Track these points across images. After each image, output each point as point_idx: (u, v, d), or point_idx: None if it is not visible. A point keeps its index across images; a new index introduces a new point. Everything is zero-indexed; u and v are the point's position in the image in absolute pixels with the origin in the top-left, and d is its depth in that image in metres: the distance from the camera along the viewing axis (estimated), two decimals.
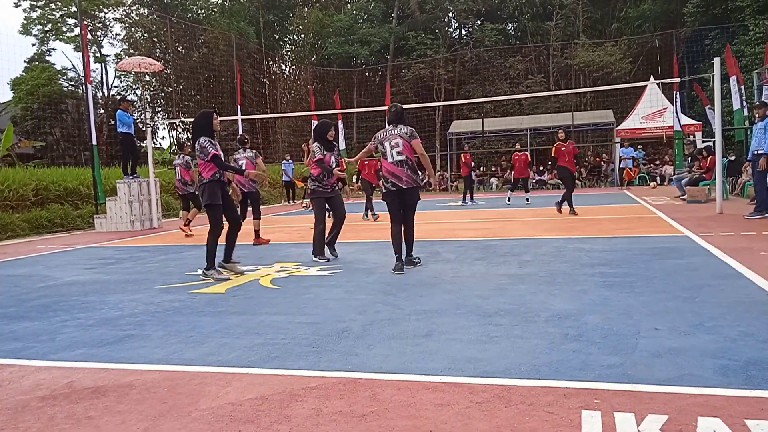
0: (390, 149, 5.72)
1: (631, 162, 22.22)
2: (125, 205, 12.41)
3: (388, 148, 5.74)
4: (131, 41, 35.04)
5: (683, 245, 6.65)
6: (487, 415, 2.38)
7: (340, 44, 34.91)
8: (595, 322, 3.63)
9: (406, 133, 5.76)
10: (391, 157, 5.70)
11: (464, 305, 4.27)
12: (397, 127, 5.83)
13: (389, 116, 5.94)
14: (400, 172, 5.67)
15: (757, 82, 17.18)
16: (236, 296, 5.00)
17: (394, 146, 5.71)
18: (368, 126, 33.31)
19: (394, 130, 5.81)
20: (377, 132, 5.99)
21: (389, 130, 5.84)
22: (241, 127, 21.13)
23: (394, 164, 5.69)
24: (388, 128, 5.89)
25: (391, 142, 5.73)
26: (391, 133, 5.80)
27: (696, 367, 2.78)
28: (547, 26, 33.30)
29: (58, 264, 7.67)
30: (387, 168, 5.72)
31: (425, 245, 7.79)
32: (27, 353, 3.60)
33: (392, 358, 3.14)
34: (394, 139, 5.73)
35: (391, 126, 5.89)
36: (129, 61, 15.16)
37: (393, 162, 5.69)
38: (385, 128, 5.95)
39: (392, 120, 5.91)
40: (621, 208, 12.25)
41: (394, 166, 5.69)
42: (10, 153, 22.47)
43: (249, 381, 2.91)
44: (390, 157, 5.71)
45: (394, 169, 5.68)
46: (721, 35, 25.47)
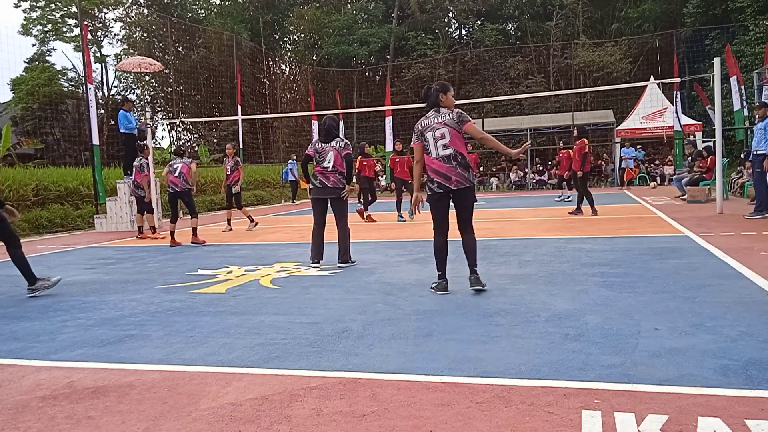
0: (434, 142, 4.62)
1: (632, 162, 22.22)
2: (125, 205, 12.42)
3: (431, 141, 4.64)
4: (131, 41, 35.05)
5: (683, 245, 6.65)
6: (487, 415, 2.38)
7: (337, 44, 34.92)
8: (595, 322, 3.63)
9: (453, 119, 4.63)
10: (436, 151, 4.61)
11: (464, 305, 4.27)
12: (439, 112, 4.69)
13: (423, 99, 4.90)
14: (447, 170, 4.57)
15: (757, 82, 17.20)
16: (236, 296, 5.00)
17: (438, 138, 4.60)
18: (368, 126, 33.32)
19: (436, 117, 4.68)
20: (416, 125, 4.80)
21: (430, 118, 4.71)
22: (241, 127, 21.17)
23: (439, 160, 4.60)
24: (428, 115, 4.74)
25: (434, 134, 4.62)
26: (434, 121, 4.67)
27: (696, 367, 2.78)
28: (547, 26, 33.30)
29: (58, 264, 7.67)
30: (431, 166, 4.64)
31: (425, 245, 7.79)
32: (27, 353, 3.60)
33: (392, 358, 3.14)
34: (439, 128, 4.62)
35: (432, 112, 4.73)
36: (129, 61, 15.16)
37: (438, 158, 4.60)
38: (424, 116, 4.78)
39: (429, 105, 4.80)
40: (621, 208, 12.25)
41: (440, 162, 4.59)
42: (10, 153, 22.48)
43: (249, 381, 2.91)
44: (434, 151, 4.62)
45: (440, 167, 4.60)
46: (722, 35, 25.46)
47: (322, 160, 6.33)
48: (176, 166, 8.89)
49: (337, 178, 6.31)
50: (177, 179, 8.80)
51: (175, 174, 8.82)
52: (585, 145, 10.93)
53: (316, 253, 6.48)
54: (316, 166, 6.37)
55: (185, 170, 8.82)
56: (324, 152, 6.33)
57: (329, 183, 6.30)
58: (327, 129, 6.41)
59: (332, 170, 6.30)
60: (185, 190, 8.81)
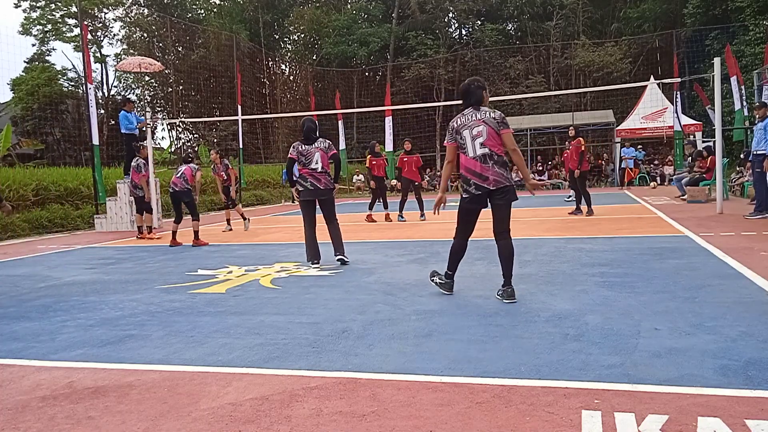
0: (471, 140, 4.36)
1: (632, 162, 22.21)
2: (125, 205, 12.42)
3: (468, 139, 4.37)
4: (131, 41, 35.06)
5: (683, 245, 6.65)
6: (487, 415, 2.38)
7: (336, 44, 34.93)
8: (595, 322, 3.63)
9: (494, 119, 4.37)
10: (473, 150, 4.34)
11: (464, 305, 4.27)
12: (479, 110, 4.42)
13: (462, 95, 4.54)
14: (483, 170, 4.31)
15: (757, 82, 17.21)
16: (236, 296, 5.00)
17: (476, 136, 4.35)
18: (368, 126, 33.32)
19: (475, 114, 4.40)
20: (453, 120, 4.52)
21: (467, 115, 4.43)
22: (241, 127, 21.16)
23: (475, 160, 4.33)
24: (465, 113, 4.46)
25: (471, 131, 4.36)
26: (472, 119, 4.39)
27: (696, 367, 2.78)
28: (547, 26, 33.30)
29: (58, 264, 7.67)
30: (466, 166, 4.38)
31: (426, 245, 7.79)
32: (27, 353, 3.60)
33: (392, 358, 3.14)
34: (477, 126, 4.36)
35: (470, 109, 4.45)
36: (129, 61, 15.15)
37: (474, 157, 4.34)
38: (461, 114, 4.50)
39: (467, 102, 4.51)
40: (621, 208, 12.25)
41: (476, 162, 4.33)
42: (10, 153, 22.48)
43: (249, 381, 2.91)
44: (471, 150, 4.35)
45: (476, 166, 4.33)
46: (722, 35, 25.47)
47: (308, 162, 6.40)
48: (180, 169, 9.12)
49: (327, 180, 6.44)
50: (178, 179, 8.95)
51: (177, 175, 8.99)
52: (582, 145, 10.95)
53: (313, 254, 6.51)
54: (304, 168, 6.42)
55: (188, 172, 9.01)
56: (309, 154, 6.40)
57: (321, 185, 6.39)
58: (306, 131, 6.46)
59: (321, 171, 6.40)
60: (184, 189, 8.89)
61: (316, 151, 6.39)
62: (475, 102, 4.45)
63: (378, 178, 11.72)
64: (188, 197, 8.96)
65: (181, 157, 10.27)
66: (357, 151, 31.86)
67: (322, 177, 6.39)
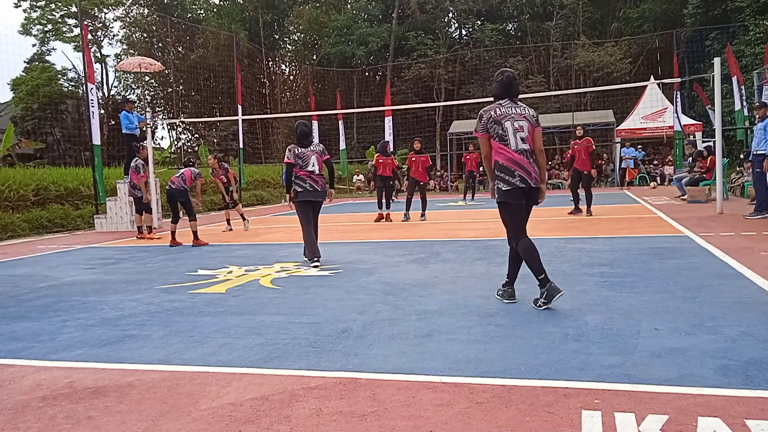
0: (513, 132, 4.14)
1: (633, 162, 22.21)
2: (125, 206, 12.42)
3: (509, 131, 4.13)
4: (131, 41, 35.07)
5: (684, 245, 6.65)
6: (487, 415, 2.38)
7: (335, 44, 34.92)
8: (595, 322, 3.63)
9: (533, 116, 4.25)
10: (515, 143, 4.13)
11: (464, 305, 4.27)
12: (518, 105, 4.24)
13: (497, 88, 4.28)
14: (527, 165, 4.13)
15: (758, 82, 17.20)
16: (236, 296, 5.00)
17: (518, 129, 4.14)
18: (368, 126, 33.32)
19: (515, 108, 4.20)
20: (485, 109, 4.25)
21: (507, 106, 4.20)
22: (241, 127, 21.16)
23: (519, 153, 4.13)
24: (503, 103, 4.22)
25: (513, 124, 4.14)
26: (513, 111, 4.18)
27: (696, 367, 2.78)
28: (547, 26, 33.30)
29: (58, 264, 7.67)
30: (510, 156, 4.12)
31: (426, 245, 7.79)
32: (27, 353, 3.60)
33: (392, 358, 3.14)
34: (518, 120, 4.16)
35: (508, 101, 4.23)
36: (129, 61, 15.15)
37: (518, 150, 4.13)
38: (497, 103, 4.24)
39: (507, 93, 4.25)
40: (621, 208, 12.25)
41: (520, 156, 4.13)
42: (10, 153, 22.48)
43: (249, 381, 2.91)
44: (513, 143, 4.13)
45: (521, 160, 4.12)
46: (722, 35, 25.47)
47: (305, 164, 6.51)
48: (181, 170, 9.22)
49: (323, 182, 6.62)
50: (176, 179, 9.02)
51: (177, 175, 9.08)
52: (592, 144, 10.83)
53: (314, 251, 6.49)
54: (301, 171, 6.50)
55: (187, 174, 9.08)
56: (306, 157, 6.53)
57: (318, 187, 6.55)
58: (301, 133, 6.62)
59: (318, 174, 6.56)
60: (181, 189, 8.94)
61: (312, 154, 6.54)
62: (515, 95, 4.28)
63: (385, 177, 11.75)
64: (183, 197, 9.00)
65: (183, 162, 10.37)
66: (357, 151, 31.87)
67: (320, 179, 6.55)
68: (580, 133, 11.04)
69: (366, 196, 23.14)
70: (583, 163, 10.80)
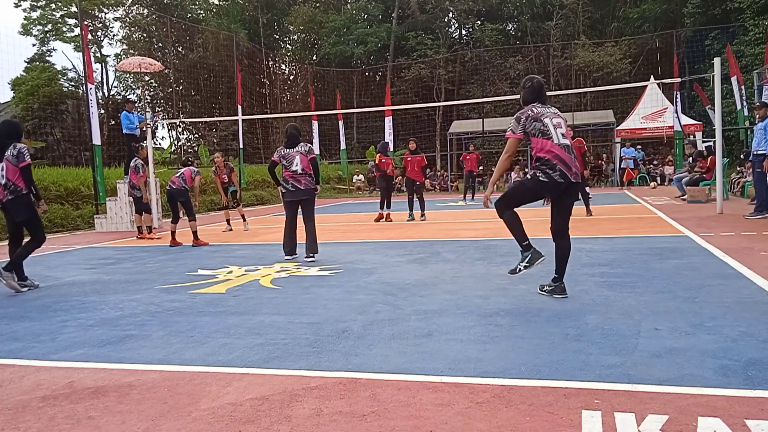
0: (554, 128, 4.29)
1: (632, 162, 22.22)
2: (125, 205, 12.42)
3: (551, 127, 4.29)
4: (131, 41, 35.07)
5: (684, 245, 6.65)
6: (487, 415, 2.38)
7: (334, 44, 34.91)
8: (595, 322, 3.62)
9: (564, 119, 4.49)
10: (557, 138, 4.27)
11: (465, 305, 4.27)
12: (549, 107, 4.45)
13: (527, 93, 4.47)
14: (569, 160, 4.26)
15: (757, 82, 17.21)
16: (236, 296, 5.00)
17: (557, 126, 4.32)
18: (368, 126, 33.32)
19: (549, 109, 4.42)
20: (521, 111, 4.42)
21: (543, 107, 4.40)
22: (241, 127, 21.17)
23: (561, 148, 4.26)
24: (536, 105, 4.40)
25: (553, 121, 4.32)
26: (550, 111, 4.40)
27: (696, 367, 2.78)
28: (547, 26, 33.32)
29: (58, 264, 7.67)
30: (553, 151, 4.24)
31: (426, 245, 7.79)
32: (27, 353, 3.60)
33: (392, 358, 3.14)
34: (556, 118, 4.37)
35: (539, 104, 4.42)
36: (129, 61, 15.13)
37: (560, 145, 4.26)
38: (531, 106, 4.40)
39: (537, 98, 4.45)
40: (621, 208, 12.25)
41: (563, 150, 4.26)
42: None
43: (249, 381, 2.91)
44: (556, 138, 4.27)
45: (563, 154, 4.25)
46: (722, 36, 25.48)
47: (290, 164, 6.84)
48: (181, 170, 9.28)
49: (308, 181, 6.81)
50: (176, 179, 9.06)
51: (177, 175, 9.14)
52: (583, 145, 10.87)
53: (290, 249, 6.97)
54: (286, 171, 6.86)
55: (187, 174, 9.15)
56: (290, 157, 6.84)
57: (301, 185, 6.80)
58: (290, 136, 6.95)
59: (302, 173, 6.79)
60: (181, 188, 8.98)
61: (297, 155, 6.84)
62: (544, 100, 4.47)
63: (389, 177, 11.79)
64: (183, 197, 9.02)
65: (181, 161, 10.40)
66: (357, 151, 31.87)
67: (302, 178, 6.78)
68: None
69: (366, 196, 23.14)
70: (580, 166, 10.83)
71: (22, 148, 5.63)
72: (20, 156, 5.57)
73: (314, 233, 6.90)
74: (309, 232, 6.87)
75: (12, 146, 5.59)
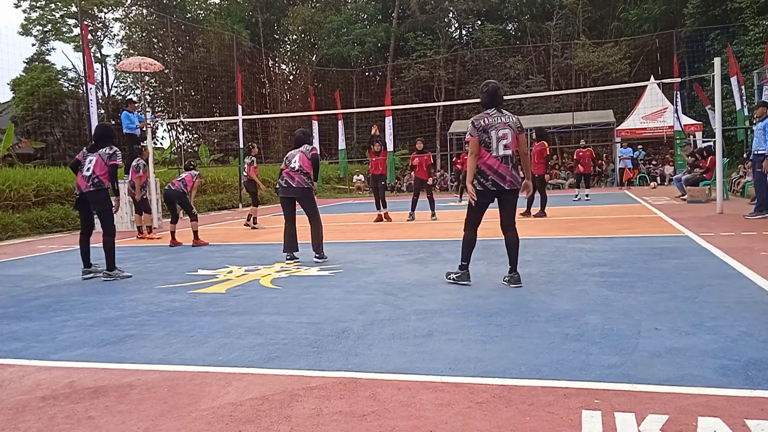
0: (496, 141, 4.70)
1: (630, 162, 22.22)
2: (125, 205, 12.40)
3: (494, 140, 4.70)
4: (131, 41, 35.05)
5: (684, 245, 6.65)
6: (487, 415, 2.38)
7: (332, 45, 34.90)
8: (595, 322, 3.63)
9: (516, 124, 4.80)
10: (496, 150, 4.70)
11: (464, 305, 4.27)
12: (503, 113, 4.81)
13: (484, 97, 4.87)
14: (504, 170, 4.70)
15: (757, 82, 17.19)
16: (237, 296, 5.00)
17: (501, 138, 4.70)
18: (368, 126, 33.25)
19: (500, 117, 4.77)
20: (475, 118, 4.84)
21: (493, 116, 4.77)
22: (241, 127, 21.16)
23: (498, 159, 4.70)
24: (490, 113, 4.79)
25: (498, 132, 4.71)
26: (498, 120, 4.75)
27: (696, 367, 2.78)
28: (547, 26, 33.27)
29: (58, 264, 7.67)
30: (488, 163, 4.71)
31: (426, 245, 7.79)
32: (27, 353, 3.60)
33: (393, 358, 3.14)
34: (503, 129, 4.72)
35: (494, 110, 4.79)
36: (129, 61, 15.14)
37: (497, 156, 4.70)
38: (485, 113, 4.81)
39: (493, 102, 4.83)
40: (621, 208, 12.25)
41: (499, 162, 4.70)
42: (10, 153, 22.47)
43: (249, 381, 2.92)
44: (495, 150, 4.70)
45: (498, 166, 4.70)
46: (722, 35, 25.46)
47: (289, 162, 6.89)
48: (183, 174, 9.36)
49: (301, 178, 6.76)
50: (177, 182, 9.14)
51: (178, 178, 9.24)
52: (545, 148, 11.00)
53: (288, 247, 6.91)
54: (285, 168, 6.91)
55: (188, 179, 9.22)
56: (291, 156, 6.93)
57: (293, 183, 6.78)
58: (296, 139, 7.11)
59: (297, 170, 6.78)
60: (179, 191, 9.03)
61: (298, 153, 6.89)
62: (500, 103, 4.85)
63: (378, 176, 11.64)
64: (181, 199, 9.07)
65: (185, 165, 10.44)
66: (357, 151, 31.85)
67: (296, 175, 6.76)
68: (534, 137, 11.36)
69: (366, 196, 23.14)
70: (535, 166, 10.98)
71: (118, 151, 6.27)
72: (114, 156, 6.19)
73: (319, 233, 6.81)
74: (312, 231, 6.83)
75: (109, 147, 6.24)
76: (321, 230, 6.85)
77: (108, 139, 6.32)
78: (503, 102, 4.89)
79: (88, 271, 6.38)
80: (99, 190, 6.14)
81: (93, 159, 6.18)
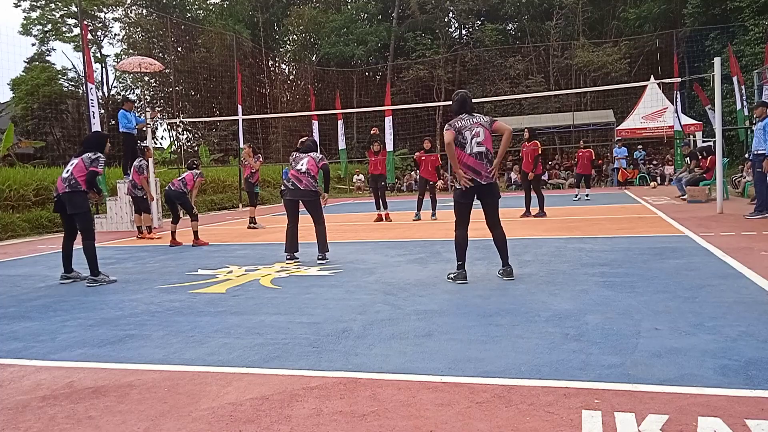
0: (470, 139, 5.12)
1: (625, 162, 22.24)
2: (125, 205, 12.41)
3: (468, 139, 5.12)
4: (131, 41, 35.04)
5: (684, 245, 6.65)
6: (487, 415, 2.38)
7: (333, 44, 34.90)
8: (595, 322, 3.62)
9: (486, 121, 5.21)
10: (470, 148, 5.10)
11: (465, 305, 4.27)
12: (473, 115, 5.24)
13: (455, 105, 5.32)
14: (478, 166, 5.07)
15: (758, 82, 17.19)
16: (237, 296, 5.00)
17: (474, 135, 5.11)
18: (368, 126, 33.23)
19: (471, 119, 5.20)
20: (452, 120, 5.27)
21: (465, 119, 5.20)
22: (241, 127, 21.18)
23: (473, 156, 5.09)
24: (462, 117, 5.23)
25: (471, 132, 5.13)
26: (470, 122, 5.18)
27: (696, 367, 2.78)
28: (547, 26, 33.25)
29: (58, 264, 7.63)
30: (464, 161, 5.10)
31: (426, 245, 7.79)
32: (27, 353, 3.60)
33: (393, 358, 3.14)
34: (475, 128, 5.14)
35: (465, 115, 5.25)
36: (129, 61, 15.14)
37: (472, 154, 5.09)
38: (458, 117, 5.25)
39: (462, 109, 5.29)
40: (621, 208, 12.25)
41: (473, 159, 5.08)
42: (10, 153, 22.46)
43: (249, 381, 2.92)
44: (469, 148, 5.10)
45: (473, 163, 5.08)
46: (722, 35, 25.46)
47: (296, 164, 6.87)
48: (184, 174, 9.35)
49: (309, 182, 6.78)
50: (177, 182, 9.14)
51: (179, 178, 9.23)
52: (537, 148, 11.02)
53: (289, 247, 6.92)
54: (291, 170, 6.88)
55: (189, 178, 9.22)
56: (299, 158, 6.91)
57: (301, 185, 6.75)
58: (306, 146, 7.11)
59: (305, 173, 6.76)
60: (179, 191, 9.03)
61: (306, 157, 6.88)
62: (470, 110, 5.27)
63: (377, 176, 11.57)
64: (181, 199, 9.07)
65: (186, 164, 10.45)
66: (357, 151, 31.84)
67: (304, 178, 6.73)
68: (527, 136, 11.34)
69: (366, 196, 23.14)
70: (527, 166, 11.02)
71: (101, 158, 6.16)
72: (96, 162, 6.08)
73: (324, 235, 6.85)
74: (317, 233, 6.83)
75: (94, 153, 6.12)
76: (326, 233, 6.88)
77: (97, 147, 6.21)
78: (473, 109, 5.30)
79: (68, 276, 6.25)
80: (75, 192, 6.03)
81: (74, 162, 6.12)
